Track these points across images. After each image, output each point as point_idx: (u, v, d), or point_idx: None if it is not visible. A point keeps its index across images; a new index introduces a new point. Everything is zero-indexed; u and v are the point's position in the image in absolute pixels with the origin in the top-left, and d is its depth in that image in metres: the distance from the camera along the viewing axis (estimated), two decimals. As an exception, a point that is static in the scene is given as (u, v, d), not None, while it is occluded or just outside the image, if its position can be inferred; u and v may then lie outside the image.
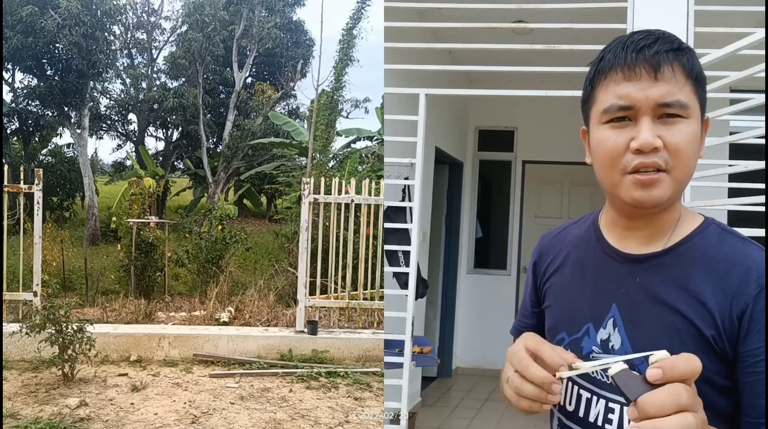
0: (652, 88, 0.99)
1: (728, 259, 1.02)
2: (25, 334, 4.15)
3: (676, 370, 0.85)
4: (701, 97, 1.05)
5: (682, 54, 1.01)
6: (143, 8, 12.46)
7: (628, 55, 1.01)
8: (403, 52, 3.82)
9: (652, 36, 1.02)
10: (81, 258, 7.27)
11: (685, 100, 1.00)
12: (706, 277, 1.02)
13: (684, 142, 1.00)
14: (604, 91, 1.04)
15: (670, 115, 1.00)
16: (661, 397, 0.83)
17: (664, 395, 0.83)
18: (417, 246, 3.48)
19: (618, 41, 1.05)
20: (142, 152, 11.68)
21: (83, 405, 3.79)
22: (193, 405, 3.91)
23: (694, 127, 1.02)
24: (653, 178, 1.00)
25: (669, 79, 0.99)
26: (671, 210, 1.07)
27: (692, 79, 1.02)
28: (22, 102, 10.65)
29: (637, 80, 1.00)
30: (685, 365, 0.86)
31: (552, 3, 3.52)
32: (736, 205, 2.63)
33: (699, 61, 1.05)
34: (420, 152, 3.40)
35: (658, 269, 1.06)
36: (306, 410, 3.95)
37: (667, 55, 0.99)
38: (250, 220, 13.17)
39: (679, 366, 0.85)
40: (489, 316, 7.68)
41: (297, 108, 14.02)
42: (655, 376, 0.84)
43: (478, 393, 6.88)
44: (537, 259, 1.32)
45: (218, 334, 4.93)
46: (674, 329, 1.01)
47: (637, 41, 1.01)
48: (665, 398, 0.83)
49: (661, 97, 0.99)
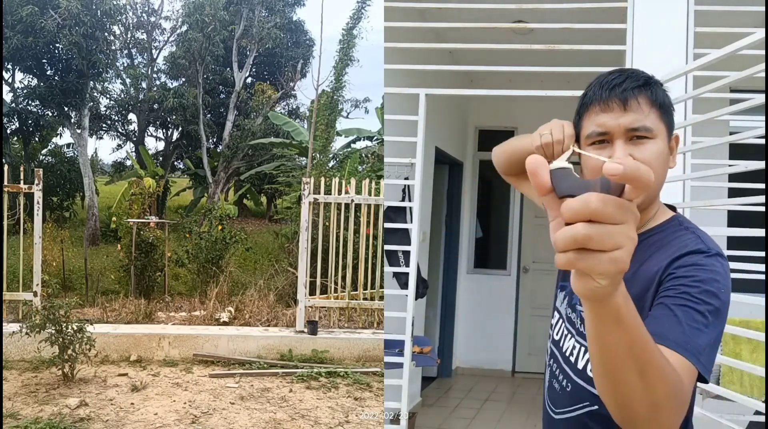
0: (622, 117, 1.25)
1: (676, 244, 1.24)
2: (25, 334, 4.15)
3: (637, 173, 0.72)
4: (666, 121, 1.28)
5: (647, 88, 1.26)
6: (143, 8, 12.45)
7: (603, 93, 1.27)
8: (403, 52, 3.82)
9: (624, 75, 1.28)
10: (81, 258, 7.27)
11: (650, 125, 1.25)
12: (657, 258, 1.24)
13: (651, 158, 1.24)
14: (587, 121, 1.31)
15: (639, 137, 1.25)
16: (590, 199, 0.72)
17: (593, 199, 0.72)
18: (417, 246, 3.48)
19: (597, 81, 1.31)
20: (142, 152, 11.67)
21: (83, 405, 3.79)
22: (193, 405, 3.91)
23: (660, 146, 1.26)
24: None
25: (636, 109, 1.24)
26: (646, 211, 1.32)
27: (656, 107, 1.26)
28: (22, 102, 10.63)
29: (611, 111, 1.26)
30: (647, 175, 0.73)
31: (552, 3, 3.52)
32: (736, 205, 2.63)
33: (664, 92, 1.29)
34: (420, 152, 3.40)
35: None
36: (306, 410, 3.95)
37: (633, 91, 1.25)
38: (250, 220, 13.16)
39: (642, 171, 0.73)
40: (489, 316, 7.69)
41: (297, 108, 14.00)
42: (613, 169, 0.72)
43: (478, 393, 6.88)
44: None
45: (218, 334, 4.93)
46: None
47: (610, 81, 1.27)
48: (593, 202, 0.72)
49: (629, 123, 1.24)
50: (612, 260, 0.73)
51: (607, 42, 3.14)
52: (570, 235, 0.73)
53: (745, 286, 2.54)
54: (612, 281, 0.77)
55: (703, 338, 1.08)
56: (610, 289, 0.78)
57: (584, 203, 0.72)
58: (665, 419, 0.94)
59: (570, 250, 0.74)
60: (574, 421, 1.37)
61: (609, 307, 0.81)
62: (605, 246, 0.73)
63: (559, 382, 1.43)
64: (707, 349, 1.09)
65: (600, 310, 0.83)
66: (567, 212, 0.74)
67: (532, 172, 0.78)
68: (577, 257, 0.74)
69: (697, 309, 1.10)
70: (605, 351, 0.88)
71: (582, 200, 0.73)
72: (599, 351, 0.90)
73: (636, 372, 0.88)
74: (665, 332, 1.06)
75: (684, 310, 1.10)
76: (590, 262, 0.74)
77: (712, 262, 1.18)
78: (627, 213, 0.74)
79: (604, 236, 0.72)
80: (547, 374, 1.51)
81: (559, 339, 1.46)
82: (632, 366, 0.88)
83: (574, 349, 1.39)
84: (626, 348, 0.86)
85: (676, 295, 1.13)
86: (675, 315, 1.10)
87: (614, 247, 0.73)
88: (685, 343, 1.06)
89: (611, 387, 0.93)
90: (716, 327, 1.12)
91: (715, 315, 1.12)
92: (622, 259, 0.74)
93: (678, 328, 1.08)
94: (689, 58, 2.95)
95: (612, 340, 0.86)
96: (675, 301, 1.12)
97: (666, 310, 1.12)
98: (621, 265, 0.74)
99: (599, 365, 0.92)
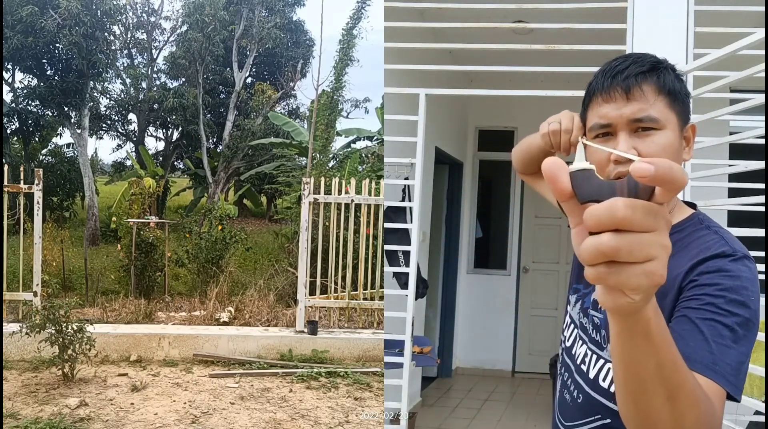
0: (625, 107, 1.15)
1: (698, 245, 1.14)
2: (25, 334, 4.15)
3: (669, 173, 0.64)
4: (678, 109, 1.17)
5: (653, 74, 1.15)
6: (143, 8, 12.45)
7: (605, 81, 1.17)
8: (403, 52, 3.82)
9: (628, 61, 1.17)
10: (81, 258, 7.27)
11: (655, 115, 1.14)
12: (677, 261, 1.12)
13: (657, 151, 1.13)
14: (591, 113, 1.21)
15: (645, 128, 1.14)
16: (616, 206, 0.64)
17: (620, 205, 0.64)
18: (417, 246, 3.48)
19: (601, 69, 1.21)
20: (142, 152, 11.67)
21: (83, 405, 3.79)
22: (193, 405, 3.91)
23: (668, 137, 1.15)
24: None
25: (639, 98, 1.14)
26: None
27: (665, 94, 1.15)
28: (22, 102, 10.64)
29: (613, 102, 1.16)
30: (680, 175, 0.65)
31: (552, 3, 3.52)
32: (736, 205, 2.63)
33: (673, 77, 1.18)
34: (420, 152, 3.40)
35: None
36: (306, 410, 3.95)
37: (636, 78, 1.15)
38: (250, 220, 13.16)
39: (675, 171, 0.64)
40: (489, 316, 7.69)
41: (297, 108, 14.00)
42: (643, 170, 0.63)
43: (478, 393, 6.87)
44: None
45: (218, 334, 4.93)
46: None
47: (613, 68, 1.18)
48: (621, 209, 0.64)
49: (632, 114, 1.14)
50: (645, 273, 0.65)
51: (607, 42, 3.14)
52: (595, 246, 0.65)
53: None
54: (645, 295, 0.68)
55: (732, 355, 0.98)
56: (642, 304, 0.70)
57: (610, 210, 0.64)
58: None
59: (598, 263, 0.66)
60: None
61: (638, 321, 0.73)
62: (637, 257, 0.65)
63: (570, 393, 1.34)
64: (738, 367, 0.99)
65: (628, 325, 0.74)
66: (591, 220, 0.65)
67: (550, 176, 0.69)
68: (608, 272, 0.66)
69: (724, 322, 1.00)
70: (631, 370, 0.79)
71: (608, 207, 0.64)
72: (624, 370, 0.80)
73: (664, 396, 0.79)
74: (692, 353, 0.97)
75: (710, 325, 1.00)
76: (621, 276, 0.66)
77: (738, 267, 1.07)
78: (658, 219, 0.65)
79: (635, 247, 0.64)
80: (559, 384, 1.42)
81: (571, 345, 1.37)
82: (660, 389, 0.79)
83: (586, 357, 1.30)
84: (655, 367, 0.77)
85: (700, 307, 1.03)
86: (700, 331, 1.00)
87: (647, 259, 0.65)
88: (713, 364, 0.96)
89: (635, 411, 0.83)
90: (747, 340, 1.02)
91: (746, 327, 1.01)
92: (657, 272, 0.66)
93: (705, 348, 0.98)
94: (689, 58, 2.95)
95: (639, 358, 0.77)
96: (699, 315, 1.02)
97: (690, 324, 1.02)
98: (656, 279, 0.66)
99: (623, 385, 0.83)
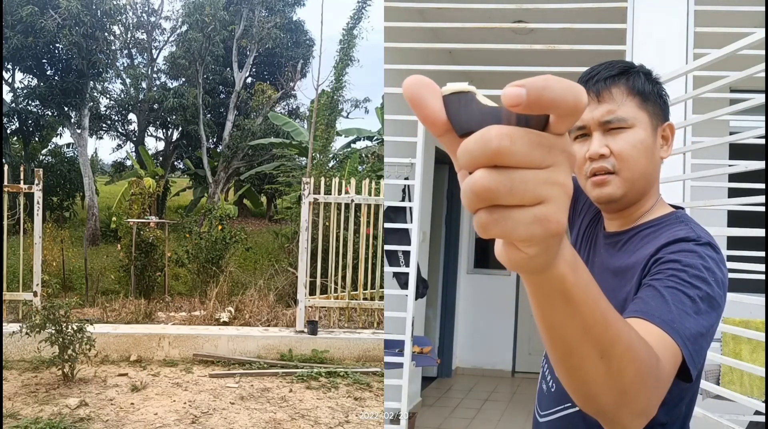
0: (596, 109, 1.23)
1: (666, 235, 1.18)
2: (25, 334, 4.15)
3: (544, 90, 0.49)
4: (650, 109, 1.25)
5: (622, 77, 1.24)
6: (143, 8, 12.44)
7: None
8: (403, 52, 3.82)
9: (600, 67, 1.26)
10: (81, 258, 7.27)
11: (623, 115, 1.22)
12: (646, 249, 1.19)
13: (627, 147, 1.22)
14: None
15: (615, 127, 1.22)
16: (489, 134, 0.49)
17: (493, 133, 0.49)
18: (417, 246, 3.48)
19: (580, 76, 1.29)
20: (142, 152, 11.67)
21: (83, 405, 3.79)
22: (193, 405, 3.91)
23: (639, 134, 1.23)
24: (603, 179, 1.23)
25: (609, 99, 1.23)
26: (640, 204, 1.28)
27: (634, 95, 1.23)
28: (22, 102, 10.63)
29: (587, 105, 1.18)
30: (562, 90, 0.50)
31: (552, 3, 3.52)
32: (736, 205, 2.63)
33: (644, 80, 1.26)
34: (420, 152, 3.40)
35: (617, 244, 1.29)
36: (306, 410, 3.95)
37: (606, 82, 1.23)
38: (250, 220, 13.15)
39: (554, 88, 0.49)
40: (489, 316, 7.69)
41: (297, 108, 13.99)
42: (513, 97, 0.49)
43: (478, 393, 6.88)
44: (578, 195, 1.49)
45: (218, 334, 4.93)
46: (610, 291, 1.17)
47: (587, 74, 1.27)
48: (494, 138, 0.49)
49: (601, 115, 1.23)
50: (537, 219, 0.51)
51: (607, 42, 3.14)
52: (468, 186, 0.51)
53: (745, 286, 2.54)
54: (543, 247, 0.54)
55: (691, 322, 0.96)
56: (544, 259, 0.56)
57: (482, 140, 0.49)
58: (637, 405, 0.76)
59: (481, 208, 0.52)
60: (556, 423, 1.31)
61: (549, 280, 0.60)
62: (522, 199, 0.50)
63: (547, 383, 1.39)
64: (696, 337, 0.95)
65: (539, 284, 0.62)
66: (463, 157, 0.51)
67: (412, 97, 0.53)
68: (490, 219, 0.51)
69: (686, 292, 1.00)
70: (554, 334, 0.68)
71: (479, 137, 0.50)
72: (548, 333, 0.69)
73: (597, 355, 0.69)
74: (651, 310, 0.96)
75: (672, 293, 1.00)
76: (507, 224, 0.51)
77: (704, 250, 1.09)
78: (553, 152, 0.51)
79: (517, 185, 0.50)
80: (540, 376, 1.46)
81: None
82: (591, 349, 0.68)
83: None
84: (580, 329, 0.66)
85: (664, 279, 1.04)
86: (662, 295, 1.00)
87: (536, 201, 0.51)
88: (671, 321, 0.94)
89: (568, 374, 0.73)
90: (708, 316, 0.99)
91: (708, 302, 1.00)
92: (552, 217, 0.51)
93: (665, 307, 0.97)
94: (689, 58, 2.95)
95: (561, 321, 0.65)
96: (663, 284, 1.02)
97: (653, 291, 1.02)
98: (552, 226, 0.51)
99: (551, 350, 0.71)
